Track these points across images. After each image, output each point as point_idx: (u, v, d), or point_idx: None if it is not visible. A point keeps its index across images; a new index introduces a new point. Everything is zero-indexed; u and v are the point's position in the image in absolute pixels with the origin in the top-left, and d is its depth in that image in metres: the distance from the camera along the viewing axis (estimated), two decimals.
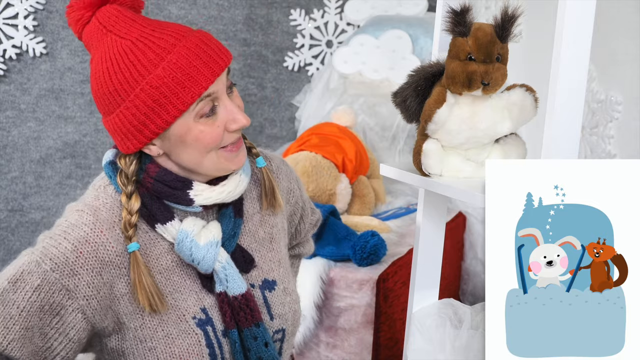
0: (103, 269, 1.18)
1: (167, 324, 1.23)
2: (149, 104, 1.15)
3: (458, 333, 1.34)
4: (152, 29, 1.17)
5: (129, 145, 1.20)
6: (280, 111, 3.59)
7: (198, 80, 1.15)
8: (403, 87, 1.34)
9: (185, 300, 1.25)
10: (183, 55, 1.15)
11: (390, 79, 3.18)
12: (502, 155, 1.30)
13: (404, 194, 3.06)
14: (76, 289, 1.16)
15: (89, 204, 1.23)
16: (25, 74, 3.31)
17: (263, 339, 1.27)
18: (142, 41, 1.16)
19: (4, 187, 3.37)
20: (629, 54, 2.02)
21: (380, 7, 3.44)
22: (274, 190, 1.34)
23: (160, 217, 1.23)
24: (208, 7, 3.43)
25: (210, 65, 1.16)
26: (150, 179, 1.22)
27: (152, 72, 1.14)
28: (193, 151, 1.20)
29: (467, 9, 1.23)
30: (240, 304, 1.25)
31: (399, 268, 2.41)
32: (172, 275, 1.25)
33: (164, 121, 1.16)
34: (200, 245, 1.22)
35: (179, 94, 1.14)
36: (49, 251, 1.17)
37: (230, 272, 1.25)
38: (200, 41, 1.17)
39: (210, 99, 1.17)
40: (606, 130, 2.14)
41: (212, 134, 1.19)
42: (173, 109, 1.15)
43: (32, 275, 1.15)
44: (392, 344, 2.39)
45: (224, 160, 1.22)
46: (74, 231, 1.19)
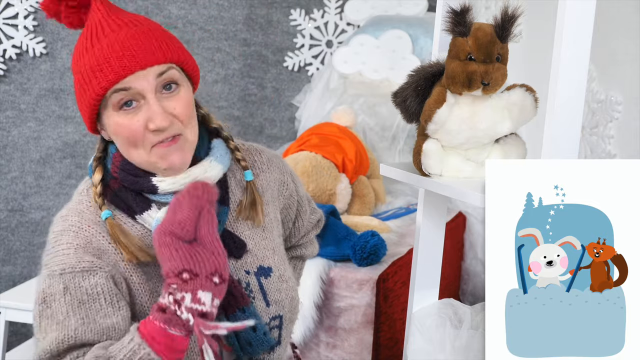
0: (102, 254, 1.22)
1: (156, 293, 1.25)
2: (79, 86, 1.23)
3: (458, 333, 1.34)
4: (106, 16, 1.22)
5: (85, 123, 1.27)
6: (280, 111, 3.59)
7: (107, 74, 1.18)
8: (403, 87, 1.34)
9: None
10: (104, 48, 1.19)
11: (390, 79, 3.18)
12: (502, 155, 1.30)
13: (404, 194, 3.06)
14: (92, 265, 1.20)
15: (72, 209, 1.27)
16: (25, 74, 3.31)
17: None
18: (92, 28, 1.22)
19: (4, 187, 3.37)
20: (629, 54, 2.02)
21: (380, 7, 3.44)
22: (256, 206, 1.34)
23: (136, 207, 1.25)
24: (208, 7, 3.43)
25: (124, 63, 1.18)
26: (116, 168, 1.26)
27: (85, 56, 1.21)
28: (118, 143, 1.24)
29: (467, 9, 1.23)
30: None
31: (399, 268, 2.41)
32: None
33: (87, 104, 1.22)
34: None
35: (93, 82, 1.19)
36: (52, 262, 1.21)
37: None
38: (131, 36, 1.20)
39: (128, 93, 1.19)
40: (606, 130, 2.14)
41: (130, 128, 1.20)
42: (89, 96, 1.21)
43: (53, 287, 1.19)
44: (392, 344, 2.39)
45: (155, 156, 1.22)
46: (63, 236, 1.23)
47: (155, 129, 1.20)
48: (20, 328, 3.33)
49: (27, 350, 2.79)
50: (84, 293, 1.18)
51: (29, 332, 3.34)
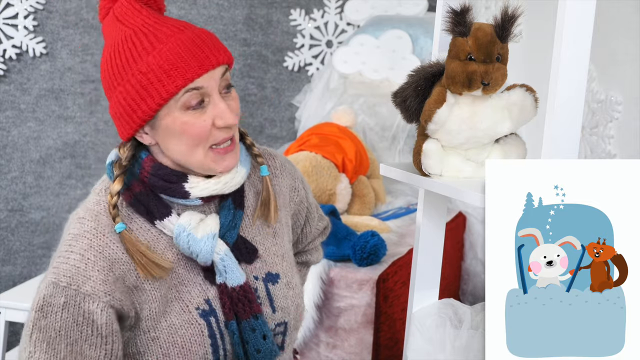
0: (112, 265, 1.21)
1: (170, 315, 1.25)
2: (137, 89, 1.19)
3: (458, 333, 1.34)
4: (154, 21, 1.23)
5: (123, 131, 1.24)
6: (280, 111, 3.59)
7: (184, 72, 1.18)
8: (403, 87, 1.34)
9: (189, 292, 1.26)
10: (174, 47, 1.19)
11: (390, 79, 3.18)
12: (502, 155, 1.30)
13: (404, 194, 3.06)
14: (94, 290, 1.19)
15: (90, 210, 1.25)
16: (25, 74, 3.31)
17: (261, 332, 1.28)
18: (142, 30, 1.21)
19: (4, 187, 3.37)
20: (629, 54, 2.02)
21: (380, 7, 3.44)
22: (269, 202, 1.35)
23: (157, 213, 1.25)
24: (208, 7, 3.43)
25: (200, 60, 1.19)
26: (147, 173, 1.25)
27: (144, 59, 1.19)
28: (180, 143, 1.22)
29: (467, 9, 1.23)
30: (239, 295, 1.27)
31: (399, 268, 2.41)
32: (177, 268, 1.27)
33: (150, 107, 1.19)
34: (197, 238, 1.24)
35: (164, 82, 1.18)
36: (61, 268, 1.20)
37: (229, 264, 1.27)
38: (197, 37, 1.21)
39: (198, 92, 1.20)
40: (606, 130, 2.14)
41: (198, 126, 1.21)
42: (157, 96, 1.18)
43: (54, 297, 1.18)
44: (392, 344, 2.39)
45: (211, 160, 1.24)
46: (78, 242, 1.21)
47: (225, 126, 1.22)
48: (20, 328, 3.32)
49: None
50: (80, 315, 1.18)
51: None
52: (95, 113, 3.39)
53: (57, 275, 1.19)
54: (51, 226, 3.41)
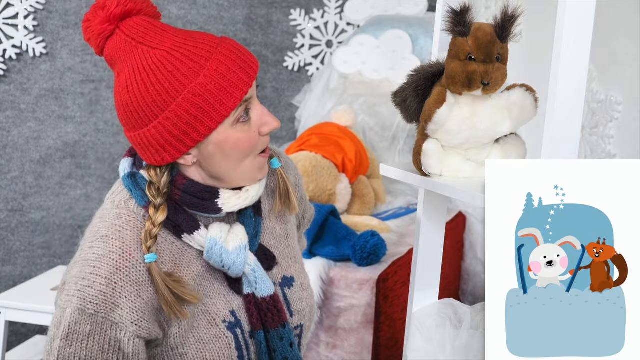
0: (140, 289, 1.17)
1: (198, 330, 1.23)
2: (192, 112, 1.15)
3: (458, 333, 1.34)
4: (184, 38, 1.17)
5: (165, 156, 1.19)
6: (280, 111, 3.59)
7: (239, 85, 1.16)
8: (403, 87, 1.34)
9: (215, 304, 1.25)
10: (222, 62, 1.16)
11: (390, 79, 3.18)
12: (502, 155, 1.30)
13: (404, 194, 3.06)
14: (122, 319, 1.15)
15: (112, 226, 1.20)
16: (25, 74, 3.31)
17: (289, 339, 1.27)
18: (178, 50, 1.16)
19: (4, 187, 3.37)
20: (629, 54, 2.02)
21: (380, 7, 3.44)
22: (289, 192, 1.34)
23: (186, 227, 1.22)
24: (208, 7, 3.43)
25: (246, 70, 1.17)
26: (179, 191, 1.22)
27: (194, 80, 1.14)
28: (230, 159, 1.20)
29: (467, 9, 1.23)
30: (269, 305, 1.26)
31: (399, 268, 2.41)
32: (202, 281, 1.24)
33: (207, 128, 1.16)
34: (229, 251, 1.22)
35: (222, 99, 1.15)
36: (87, 294, 1.15)
37: (260, 274, 1.25)
38: (234, 47, 1.18)
39: (247, 103, 1.19)
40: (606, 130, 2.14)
41: (250, 140, 1.20)
42: (217, 115, 1.15)
43: (80, 325, 1.14)
44: (392, 344, 2.39)
45: (256, 168, 1.23)
46: (103, 264, 1.16)
47: (270, 131, 1.21)
48: (20, 328, 3.33)
49: (27, 350, 2.79)
50: (107, 342, 1.15)
51: (29, 332, 3.34)
52: (95, 113, 3.39)
53: (84, 301, 1.14)
54: (51, 226, 3.41)
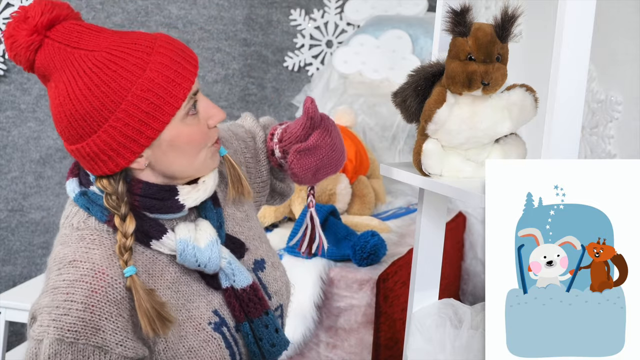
0: (120, 307, 1.13)
1: (186, 339, 1.20)
2: (144, 109, 1.11)
3: (458, 333, 1.34)
4: (120, 37, 1.14)
5: (119, 161, 1.14)
6: (280, 111, 3.59)
7: (186, 76, 1.13)
8: (403, 87, 1.34)
9: (197, 308, 1.23)
10: (165, 55, 1.13)
11: (390, 79, 3.18)
12: (502, 155, 1.30)
13: (404, 194, 3.06)
14: (106, 342, 1.11)
15: (78, 249, 1.16)
16: (25, 74, 3.31)
17: (274, 326, 1.26)
18: (117, 49, 1.12)
19: (4, 187, 3.37)
20: (629, 54, 2.02)
21: (380, 7, 3.44)
22: (240, 177, 1.30)
23: (153, 233, 1.18)
24: (208, 7, 3.43)
25: (189, 61, 1.15)
26: (137, 196, 1.18)
27: (141, 75, 1.11)
28: (184, 155, 1.17)
29: (467, 9, 1.23)
30: (249, 295, 1.24)
31: (399, 268, 2.41)
32: (180, 287, 1.22)
33: (161, 123, 1.12)
34: (202, 248, 1.20)
35: (172, 91, 1.12)
36: (63, 322, 1.10)
37: (236, 266, 1.24)
38: (170, 40, 1.16)
39: (195, 96, 1.17)
40: (606, 130, 2.14)
41: (201, 133, 1.18)
42: (169, 108, 1.12)
43: (60, 356, 1.09)
44: (392, 344, 2.39)
45: (209, 158, 1.21)
46: (77, 289, 1.12)
47: (218, 122, 1.20)
48: (20, 328, 3.33)
49: None
50: None
51: None
52: None
53: (61, 330, 1.09)
54: (51, 226, 3.41)
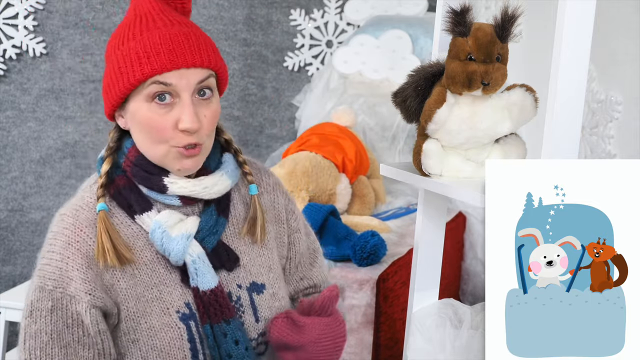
0: (90, 263, 1.21)
1: (150, 316, 1.24)
2: (115, 70, 1.22)
3: (458, 333, 1.34)
4: (158, 11, 1.24)
5: (105, 107, 1.27)
6: (280, 111, 3.59)
7: (154, 62, 1.19)
8: (403, 87, 1.34)
9: (170, 293, 1.26)
10: (155, 38, 1.20)
11: (390, 79, 3.17)
12: (502, 155, 1.30)
13: (404, 194, 3.06)
14: (77, 292, 1.19)
15: (72, 206, 1.27)
16: (25, 74, 3.31)
17: (233, 337, 1.26)
18: (142, 17, 1.23)
19: (4, 187, 3.37)
20: (629, 54, 2.02)
21: (380, 7, 3.44)
22: (256, 222, 1.34)
23: (137, 207, 1.25)
24: (208, 7, 3.43)
25: (173, 56, 1.19)
26: (130, 162, 1.26)
27: (128, 43, 1.21)
28: (143, 135, 1.23)
29: (467, 9, 1.23)
30: (210, 299, 1.25)
31: (399, 268, 2.41)
32: (157, 267, 1.26)
33: (120, 89, 1.21)
34: (171, 236, 1.23)
35: (135, 68, 1.20)
36: (45, 271, 1.21)
37: (200, 267, 1.25)
38: (182, 34, 1.21)
39: (165, 87, 1.20)
40: (606, 130, 2.14)
41: (159, 123, 1.21)
42: (127, 79, 1.20)
43: (41, 302, 1.19)
44: (392, 344, 2.39)
45: (172, 158, 1.23)
46: (57, 240, 1.22)
47: (185, 130, 1.20)
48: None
49: None
50: (69, 317, 1.19)
51: None
52: (95, 113, 3.39)
53: (43, 278, 1.20)
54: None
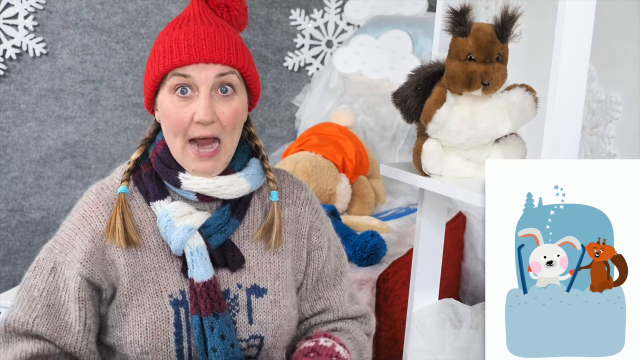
0: (95, 237, 1.29)
1: (143, 294, 1.30)
2: (148, 64, 1.32)
3: (458, 333, 1.34)
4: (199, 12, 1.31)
5: (144, 100, 1.35)
6: (280, 111, 3.59)
7: (175, 56, 1.26)
8: (403, 87, 1.34)
9: (167, 278, 1.31)
10: (181, 34, 1.27)
11: (390, 79, 3.18)
12: (502, 155, 1.30)
13: (404, 194, 3.06)
14: (72, 259, 1.29)
15: (100, 184, 1.36)
16: (25, 74, 3.31)
17: (220, 331, 1.29)
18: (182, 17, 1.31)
19: (4, 187, 3.37)
20: (629, 54, 2.02)
21: (380, 7, 3.44)
22: (272, 228, 1.35)
23: (152, 194, 1.32)
24: None
25: (193, 51, 1.25)
26: (155, 153, 1.34)
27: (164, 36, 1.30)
28: (165, 126, 1.30)
29: (468, 9, 1.23)
30: (202, 291, 1.29)
31: (399, 268, 2.41)
32: (160, 254, 1.32)
33: (149, 82, 1.30)
34: (175, 226, 1.29)
35: (159, 61, 1.27)
36: (59, 236, 1.32)
37: (196, 259, 1.30)
38: (206, 32, 1.27)
39: (185, 80, 1.26)
40: (606, 130, 2.14)
41: (176, 115, 1.27)
42: (153, 73, 1.28)
43: (46, 261, 1.30)
44: (392, 344, 2.39)
45: (187, 156, 1.29)
46: (77, 212, 1.33)
47: (198, 121, 1.25)
48: None
49: None
50: (62, 281, 1.29)
51: None
52: (95, 113, 3.39)
53: (54, 242, 1.31)
54: (51, 226, 3.41)
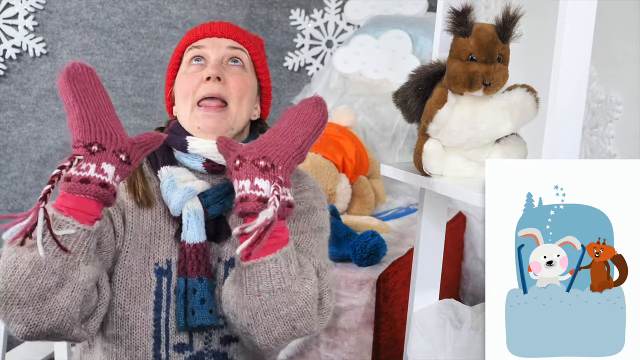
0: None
1: (132, 258, 1.35)
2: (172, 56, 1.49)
3: (458, 333, 1.34)
4: None
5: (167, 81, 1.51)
6: (280, 111, 3.59)
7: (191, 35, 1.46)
8: (404, 87, 1.34)
9: (158, 245, 1.37)
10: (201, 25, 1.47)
11: (390, 79, 3.18)
12: (503, 155, 1.30)
13: (404, 194, 3.06)
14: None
15: None
16: (25, 74, 3.31)
17: (201, 295, 1.32)
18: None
19: (4, 187, 3.37)
20: (629, 54, 2.02)
21: (380, 7, 3.44)
22: None
23: (160, 160, 1.41)
24: (208, 7, 3.43)
25: (207, 29, 1.44)
26: (169, 129, 1.43)
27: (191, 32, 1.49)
28: (178, 93, 1.43)
29: (469, 9, 1.23)
30: (192, 252, 1.33)
31: (399, 268, 2.41)
32: (160, 220, 1.38)
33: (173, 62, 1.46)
34: (177, 187, 1.36)
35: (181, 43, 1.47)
36: None
37: (192, 220, 1.34)
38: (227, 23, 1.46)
39: (199, 51, 1.43)
40: (606, 130, 2.14)
41: (190, 77, 1.41)
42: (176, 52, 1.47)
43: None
44: (392, 344, 2.40)
45: (194, 116, 1.39)
46: None
47: (208, 75, 1.38)
48: None
49: (26, 350, 2.78)
50: None
51: None
52: None
53: None
54: None
